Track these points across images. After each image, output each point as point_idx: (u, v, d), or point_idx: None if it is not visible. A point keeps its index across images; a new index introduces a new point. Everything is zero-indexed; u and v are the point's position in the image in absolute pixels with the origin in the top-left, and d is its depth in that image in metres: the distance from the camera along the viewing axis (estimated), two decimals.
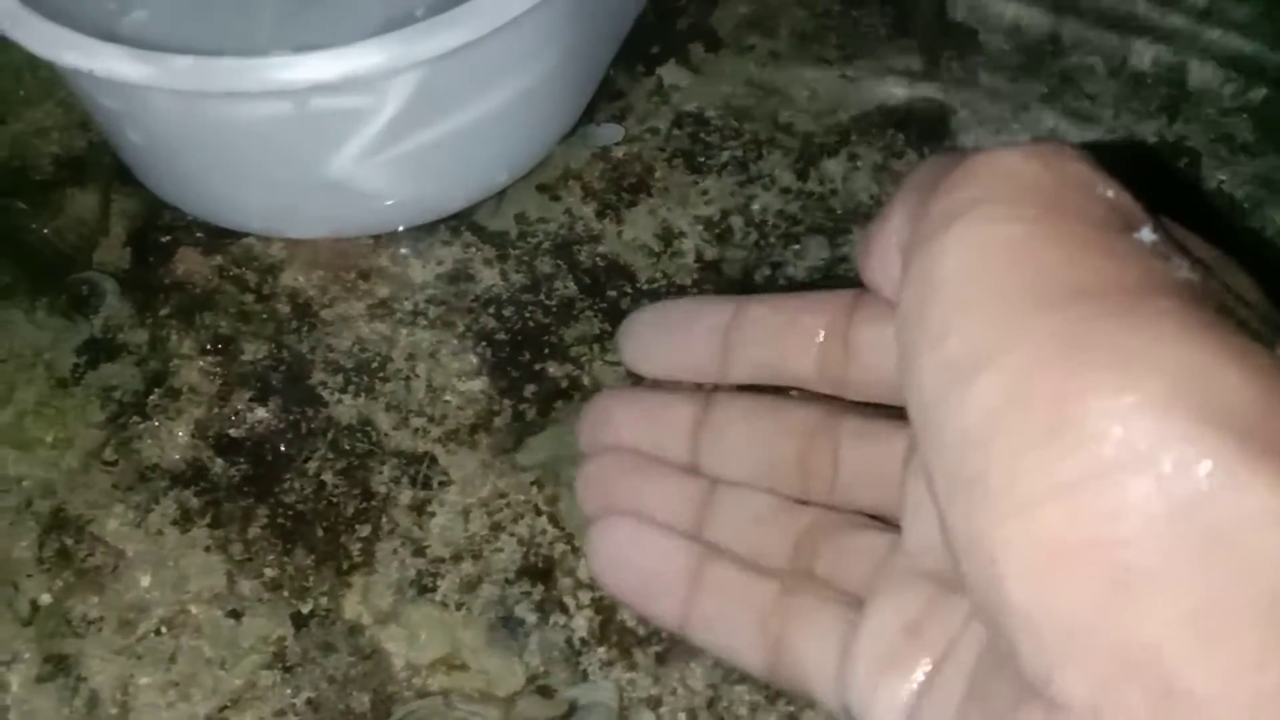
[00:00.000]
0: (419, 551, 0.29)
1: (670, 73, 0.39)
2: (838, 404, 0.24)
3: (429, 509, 0.30)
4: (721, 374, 0.24)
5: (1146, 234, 0.16)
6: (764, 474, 0.24)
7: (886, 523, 0.23)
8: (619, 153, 0.37)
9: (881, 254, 0.19)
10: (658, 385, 0.26)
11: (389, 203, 0.33)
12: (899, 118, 0.38)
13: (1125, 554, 0.14)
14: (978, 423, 0.15)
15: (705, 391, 0.25)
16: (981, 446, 0.15)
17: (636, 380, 0.28)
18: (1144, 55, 0.39)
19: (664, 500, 0.24)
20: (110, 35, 0.37)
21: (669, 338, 0.25)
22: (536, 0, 0.28)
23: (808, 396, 0.24)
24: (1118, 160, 0.18)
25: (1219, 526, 0.13)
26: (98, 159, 0.36)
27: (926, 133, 0.37)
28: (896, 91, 0.38)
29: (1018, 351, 0.15)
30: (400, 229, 0.34)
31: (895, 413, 0.23)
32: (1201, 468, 0.13)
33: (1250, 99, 0.38)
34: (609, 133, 0.38)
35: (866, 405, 0.24)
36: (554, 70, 0.32)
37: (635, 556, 0.24)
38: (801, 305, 0.24)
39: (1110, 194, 0.17)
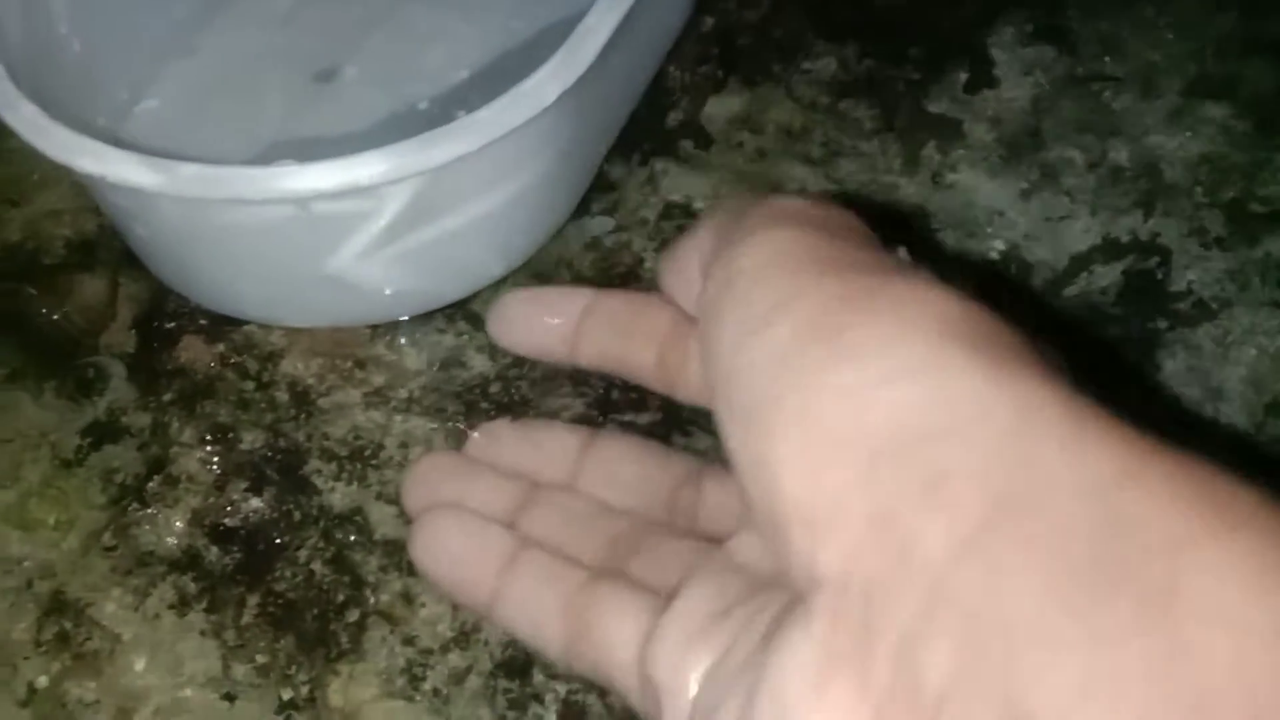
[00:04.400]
0: (408, 641, 0.30)
1: (661, 165, 0.40)
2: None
3: (419, 599, 0.31)
4: (571, 356, 0.26)
5: (903, 252, 0.21)
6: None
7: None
8: (609, 241, 0.38)
9: (681, 269, 0.23)
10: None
11: (386, 296, 0.34)
12: (881, 216, 0.39)
13: (877, 441, 0.17)
14: (768, 357, 0.18)
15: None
16: (770, 372, 0.18)
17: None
18: (1122, 151, 0.40)
19: (486, 498, 0.26)
20: (124, 122, 0.39)
21: (531, 316, 0.27)
22: (533, 113, 0.29)
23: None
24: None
25: (943, 410, 0.16)
26: (107, 243, 0.37)
27: (906, 231, 0.39)
28: (877, 191, 0.39)
29: (804, 300, 0.18)
30: (400, 319, 0.36)
31: None
32: (937, 371, 0.17)
33: (1221, 195, 0.39)
34: (599, 223, 0.39)
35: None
36: (550, 171, 0.34)
37: (452, 542, 0.26)
38: (651, 301, 0.25)
39: (867, 230, 0.21)
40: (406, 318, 0.36)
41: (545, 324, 0.26)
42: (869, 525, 0.16)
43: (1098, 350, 0.37)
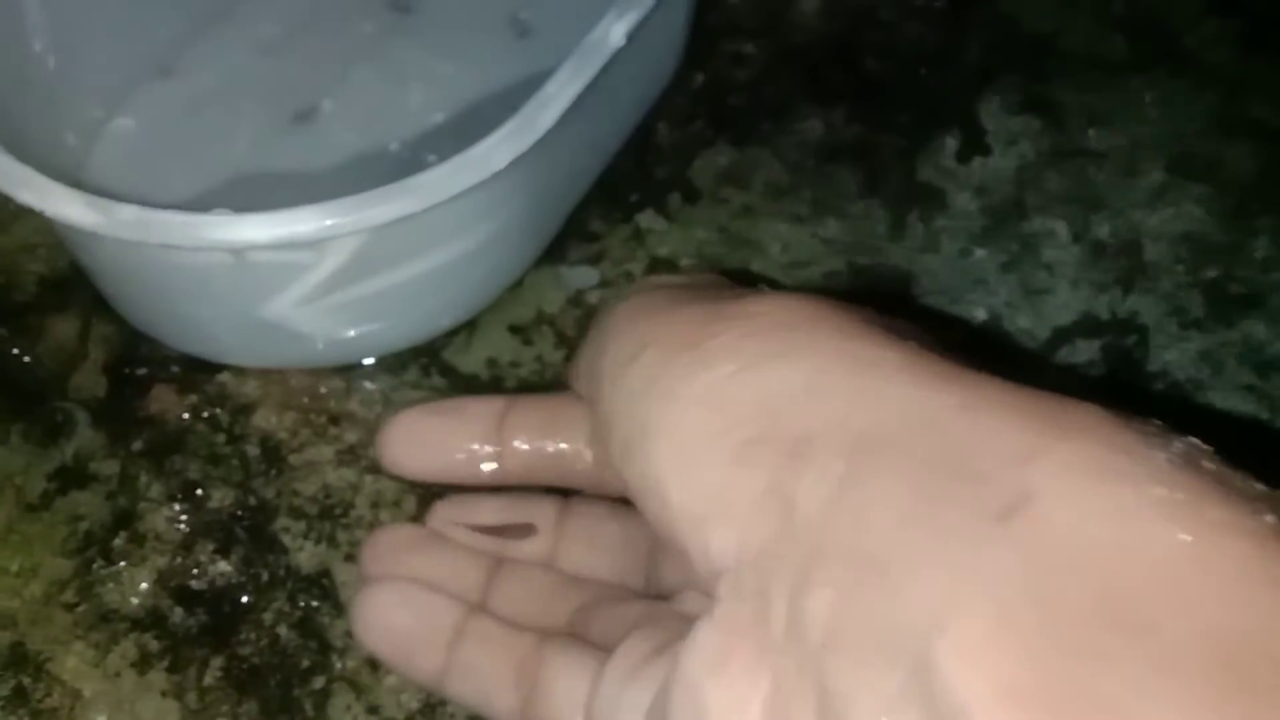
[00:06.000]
0: (372, 710, 0.30)
1: (647, 220, 0.40)
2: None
3: (384, 667, 0.31)
4: (500, 469, 0.26)
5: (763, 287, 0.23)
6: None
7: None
8: (593, 298, 0.38)
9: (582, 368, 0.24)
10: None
11: (329, 342, 0.33)
12: (866, 279, 0.39)
13: (743, 428, 0.18)
14: (637, 385, 0.19)
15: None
16: (640, 398, 0.19)
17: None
18: (1104, 226, 0.41)
19: (442, 572, 0.26)
20: (95, 141, 0.39)
21: (438, 434, 0.26)
22: (480, 179, 0.29)
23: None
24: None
25: (796, 382, 0.18)
26: (80, 282, 0.37)
27: (889, 294, 0.39)
28: (864, 253, 0.39)
29: (666, 329, 0.20)
30: (367, 362, 0.35)
31: None
32: (788, 354, 0.18)
33: (1203, 275, 0.40)
34: (584, 276, 0.39)
35: None
36: (503, 230, 0.33)
37: (398, 616, 0.25)
38: (566, 399, 0.26)
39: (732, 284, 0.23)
40: (381, 369, 0.35)
41: (461, 442, 0.26)
42: (752, 504, 0.17)
43: None
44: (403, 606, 0.25)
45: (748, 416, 0.18)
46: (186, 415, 0.34)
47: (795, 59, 0.43)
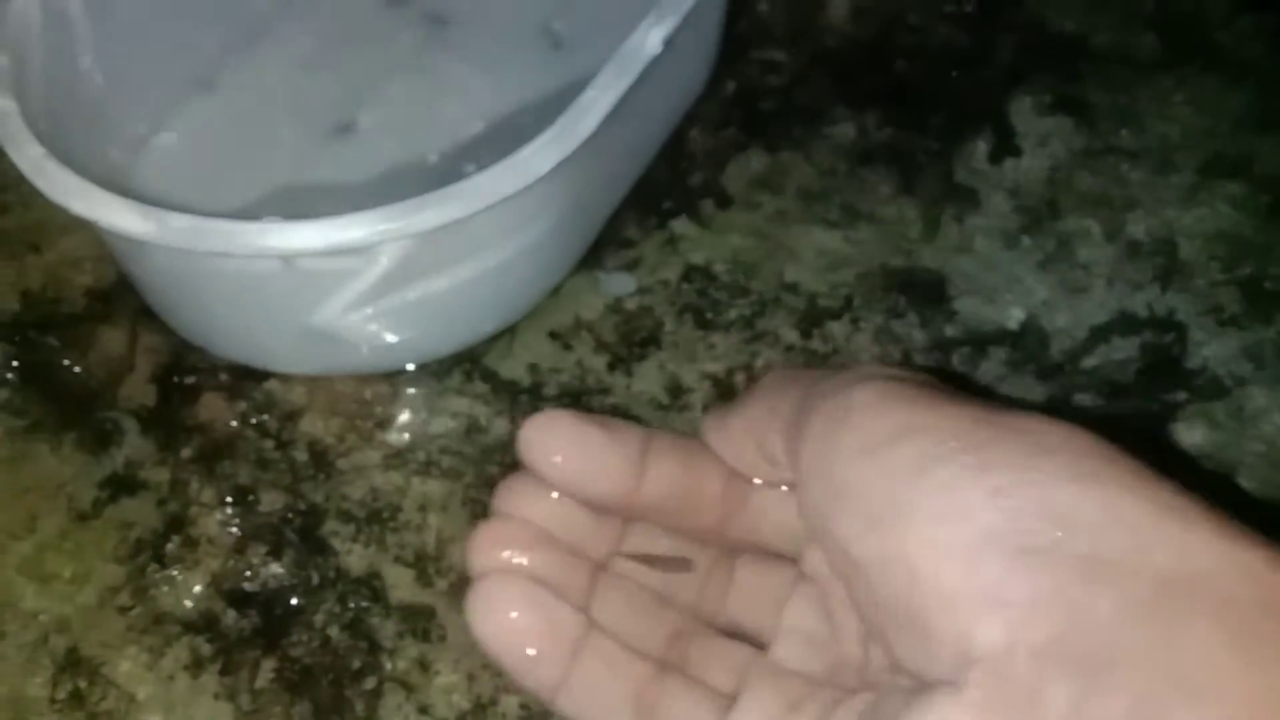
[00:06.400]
0: (424, 710, 0.30)
1: (681, 226, 0.40)
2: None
3: (434, 667, 0.31)
4: (636, 494, 0.26)
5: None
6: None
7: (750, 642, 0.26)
8: (631, 304, 0.38)
9: (732, 434, 0.25)
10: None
11: (376, 349, 0.34)
12: (900, 281, 0.39)
13: (1029, 537, 0.19)
14: (896, 469, 0.20)
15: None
16: (902, 482, 0.20)
17: None
18: (1139, 225, 0.41)
19: (552, 570, 0.25)
20: (139, 155, 0.39)
21: (589, 442, 0.25)
22: (525, 183, 0.29)
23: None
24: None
25: (1091, 509, 0.19)
26: (126, 293, 0.37)
27: (925, 298, 0.39)
28: (897, 255, 0.40)
29: (930, 423, 0.21)
30: (410, 368, 0.36)
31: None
32: (1079, 479, 0.19)
33: (1238, 273, 0.40)
34: (621, 283, 0.39)
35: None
36: (546, 235, 0.34)
37: (524, 616, 0.24)
38: (698, 444, 0.26)
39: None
40: (424, 374, 0.36)
41: (606, 451, 0.25)
42: (1032, 603, 0.18)
43: (1117, 421, 0.37)
44: (529, 607, 0.24)
45: (1034, 526, 0.19)
46: (235, 422, 0.35)
47: (826, 64, 0.44)
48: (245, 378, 0.35)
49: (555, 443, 0.25)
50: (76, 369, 0.36)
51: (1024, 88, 0.43)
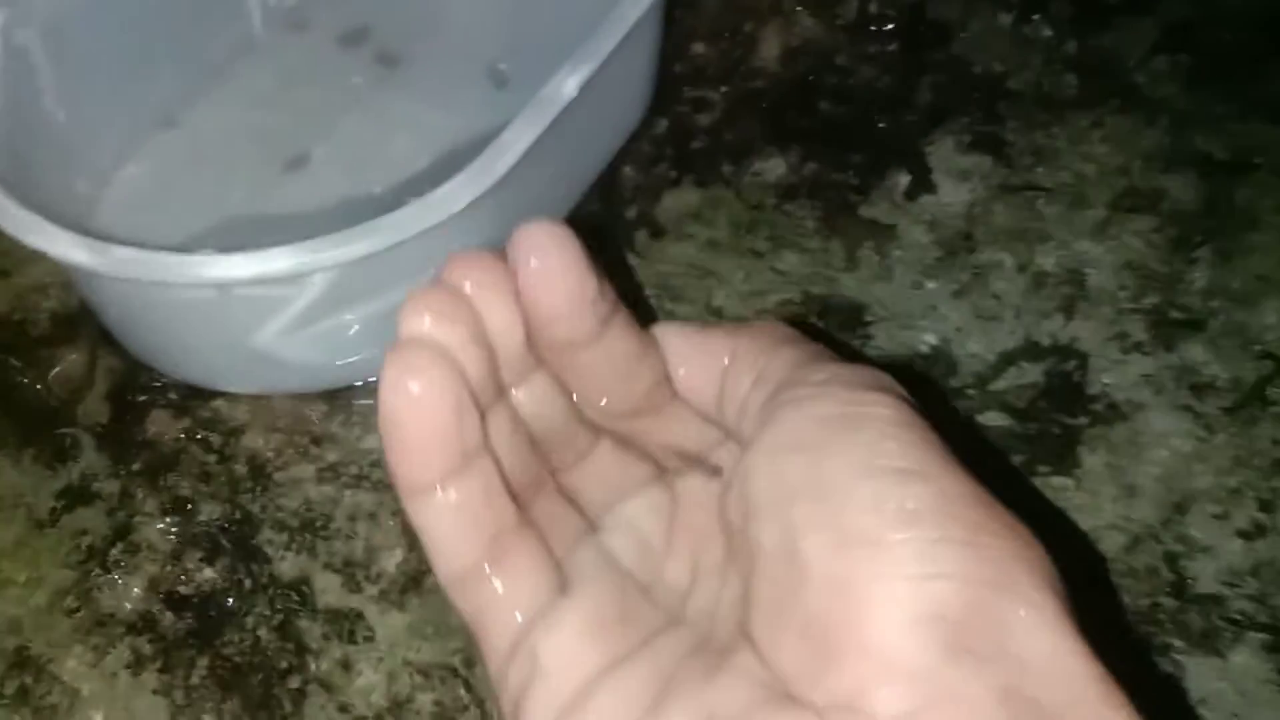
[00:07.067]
0: (343, 708, 0.33)
1: (615, 256, 0.43)
2: None
3: (356, 667, 0.33)
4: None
5: None
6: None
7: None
8: None
9: (715, 365, 0.24)
10: None
11: (314, 368, 0.36)
12: (820, 307, 0.41)
13: (964, 637, 0.19)
14: (900, 515, 0.20)
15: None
16: (898, 529, 0.20)
17: None
18: (1049, 257, 0.43)
19: (475, 366, 0.22)
20: (103, 188, 0.42)
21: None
22: (442, 219, 0.32)
23: None
24: None
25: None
26: (88, 318, 0.40)
27: (843, 323, 0.41)
28: (819, 283, 0.42)
29: (941, 482, 0.21)
30: (355, 384, 0.38)
31: None
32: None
33: (1144, 303, 0.42)
34: None
35: None
36: None
37: (437, 397, 0.21)
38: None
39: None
40: (352, 392, 0.38)
41: (588, 286, 0.23)
42: (938, 691, 0.18)
43: (1020, 444, 0.39)
44: (444, 390, 0.21)
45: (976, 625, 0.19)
46: (181, 437, 0.37)
47: (756, 103, 0.46)
48: (193, 396, 0.38)
49: (549, 244, 0.23)
50: (39, 387, 0.39)
51: (945, 127, 0.46)
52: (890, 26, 0.48)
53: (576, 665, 0.22)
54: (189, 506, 0.36)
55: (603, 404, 0.25)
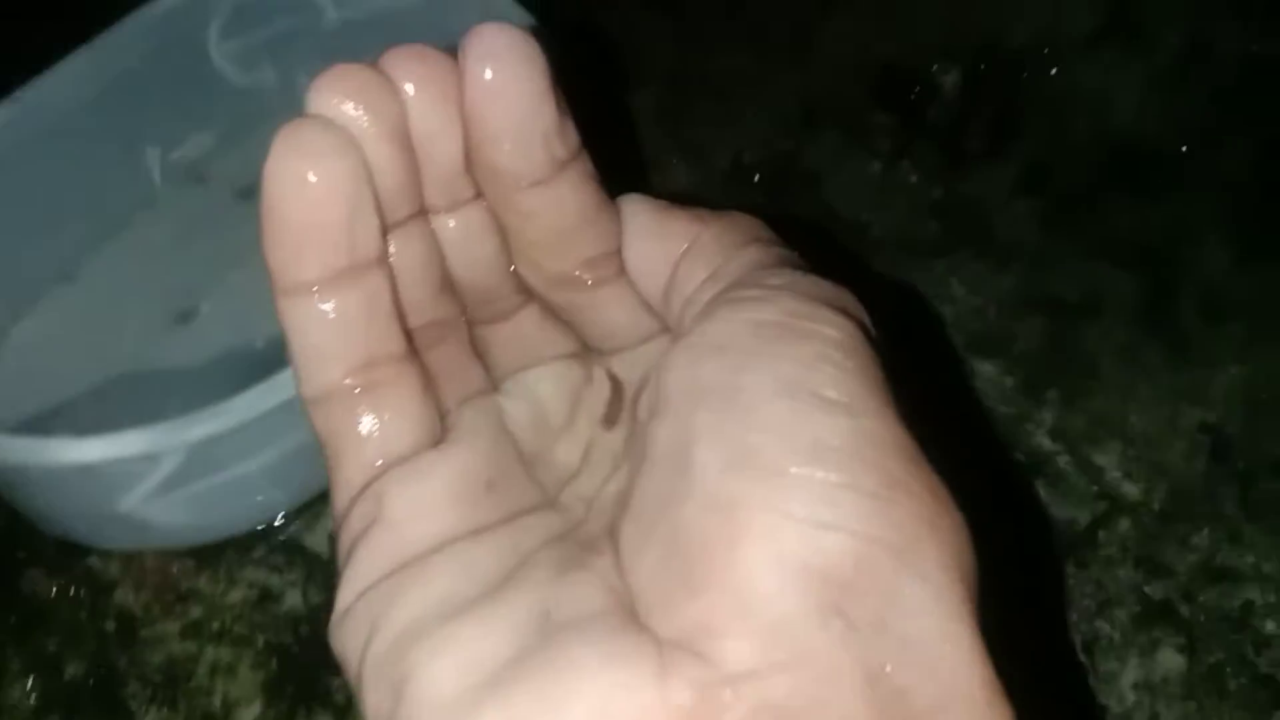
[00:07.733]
0: None
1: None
2: None
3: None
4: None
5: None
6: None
7: None
8: None
9: (671, 251, 0.21)
10: None
11: (178, 528, 0.39)
12: None
13: (835, 589, 0.17)
14: (824, 450, 0.17)
15: None
16: (814, 466, 0.17)
17: None
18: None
19: (389, 165, 0.20)
20: (2, 345, 0.44)
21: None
22: (283, 400, 0.34)
23: None
24: None
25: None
26: None
27: None
28: None
29: (882, 424, 0.18)
30: (217, 542, 0.40)
31: None
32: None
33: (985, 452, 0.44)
34: None
35: None
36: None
37: (335, 182, 0.19)
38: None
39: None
40: (221, 547, 0.40)
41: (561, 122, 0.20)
42: (797, 654, 0.16)
43: None
44: (345, 174, 0.19)
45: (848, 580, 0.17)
46: (54, 593, 0.39)
47: None
48: (69, 553, 0.40)
49: (506, 53, 0.19)
50: None
51: None
52: (756, 178, 0.50)
53: (426, 523, 0.19)
54: (55, 663, 0.38)
55: (539, 261, 0.22)
